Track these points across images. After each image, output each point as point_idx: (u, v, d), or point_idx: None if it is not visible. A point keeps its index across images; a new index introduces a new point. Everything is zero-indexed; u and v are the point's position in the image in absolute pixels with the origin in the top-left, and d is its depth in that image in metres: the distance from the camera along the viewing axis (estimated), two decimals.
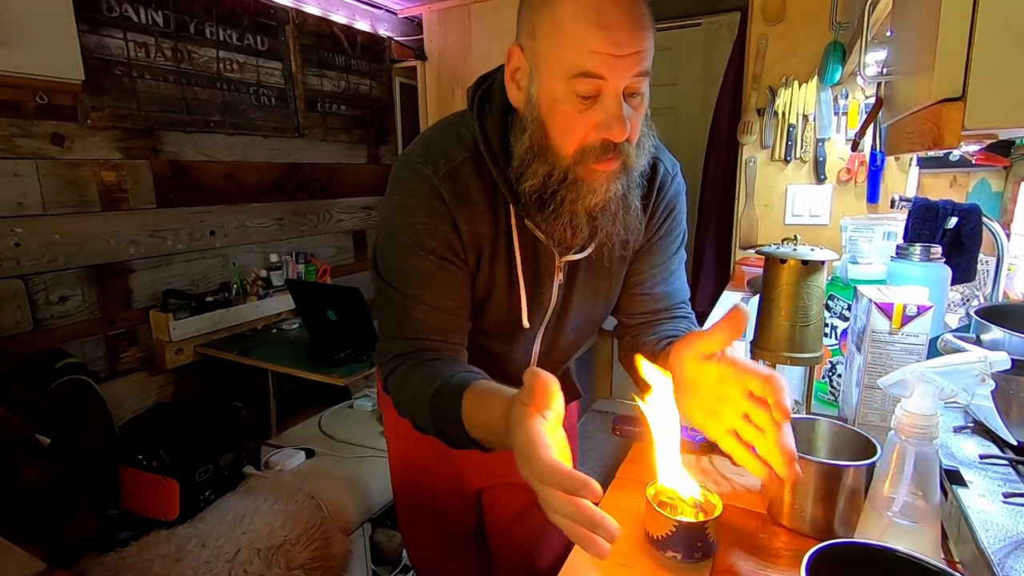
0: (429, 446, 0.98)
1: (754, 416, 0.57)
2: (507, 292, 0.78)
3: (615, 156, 0.66)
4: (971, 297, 1.38)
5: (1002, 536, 0.53)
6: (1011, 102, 0.46)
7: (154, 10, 1.93)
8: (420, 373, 0.70)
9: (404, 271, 0.74)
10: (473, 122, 0.73)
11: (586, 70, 0.61)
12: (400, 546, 1.82)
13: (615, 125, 0.62)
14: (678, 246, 0.88)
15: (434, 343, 0.74)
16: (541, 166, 0.68)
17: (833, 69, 1.63)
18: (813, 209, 2.03)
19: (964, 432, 0.75)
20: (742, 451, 0.59)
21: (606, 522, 0.45)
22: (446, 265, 0.73)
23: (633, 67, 0.61)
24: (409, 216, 0.72)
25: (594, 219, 0.70)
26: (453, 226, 0.72)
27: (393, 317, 0.75)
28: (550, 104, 0.65)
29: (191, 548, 1.37)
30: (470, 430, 0.63)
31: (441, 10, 2.74)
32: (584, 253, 0.78)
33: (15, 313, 1.65)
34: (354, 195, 2.86)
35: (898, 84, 0.74)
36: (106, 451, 1.56)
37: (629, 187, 0.71)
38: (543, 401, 0.50)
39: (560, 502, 0.45)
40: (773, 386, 0.54)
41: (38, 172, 1.68)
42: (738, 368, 0.58)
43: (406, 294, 0.73)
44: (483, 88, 0.76)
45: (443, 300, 0.74)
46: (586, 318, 0.87)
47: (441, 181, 0.71)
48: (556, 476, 0.45)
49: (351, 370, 1.78)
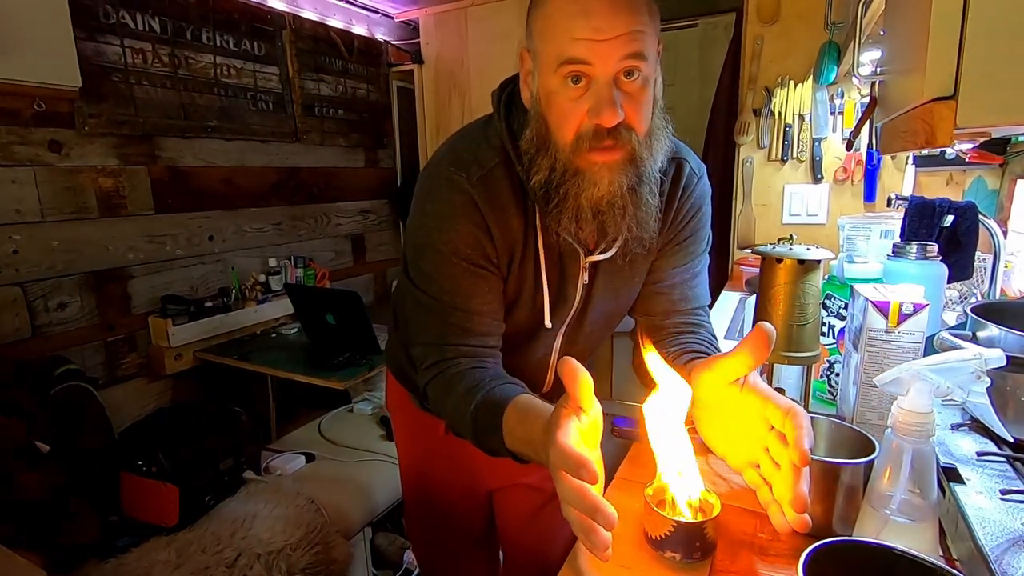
0: (441, 449, 0.99)
1: (774, 451, 0.55)
2: (533, 293, 0.78)
3: (614, 144, 0.65)
4: (968, 295, 1.38)
5: (999, 533, 0.53)
6: (1002, 101, 0.46)
7: (151, 17, 1.94)
8: (461, 383, 0.70)
9: (439, 279, 0.74)
10: (500, 124, 0.74)
11: (570, 56, 0.62)
12: (401, 550, 1.82)
13: (605, 110, 0.62)
14: (702, 249, 0.86)
15: (471, 348, 0.74)
16: (545, 159, 0.68)
17: (828, 69, 1.63)
18: (810, 208, 2.03)
19: (961, 429, 0.75)
20: (764, 490, 0.56)
21: (604, 508, 0.44)
22: (481, 272, 0.74)
23: (618, 50, 0.61)
24: (443, 224, 0.72)
25: (601, 213, 0.69)
26: (487, 232, 0.73)
27: (429, 324, 0.75)
28: (547, 97, 0.66)
29: (191, 554, 1.37)
30: (510, 444, 0.63)
31: (437, 14, 2.74)
32: (608, 253, 0.77)
33: (14, 320, 1.65)
34: (352, 199, 2.86)
35: (891, 83, 0.75)
36: (106, 457, 1.56)
37: (640, 181, 0.69)
38: (574, 390, 0.49)
39: (566, 487, 0.46)
40: (793, 423, 0.52)
41: (36, 179, 1.68)
42: (760, 396, 0.56)
43: (441, 301, 0.73)
44: (508, 90, 0.77)
45: (479, 305, 0.74)
46: (605, 318, 0.87)
47: (475, 187, 0.71)
48: (564, 456, 0.45)
49: (350, 374, 1.78)
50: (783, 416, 0.53)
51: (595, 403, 0.51)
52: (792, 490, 0.51)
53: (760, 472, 0.57)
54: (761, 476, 0.56)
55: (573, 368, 0.49)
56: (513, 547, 1.14)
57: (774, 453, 0.55)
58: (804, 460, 0.50)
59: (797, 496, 0.51)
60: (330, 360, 1.84)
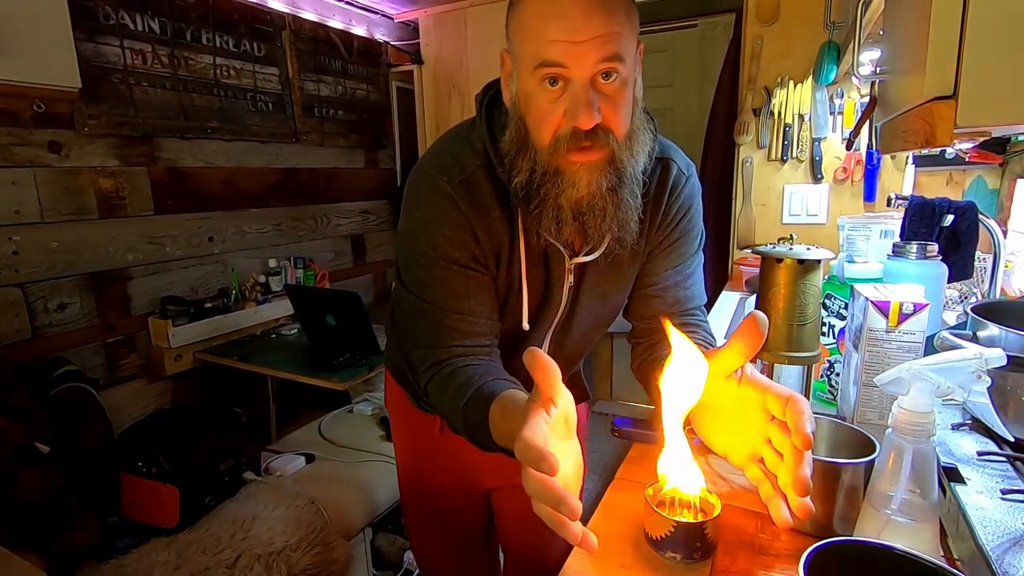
0: (438, 448, 0.99)
1: (776, 441, 0.54)
2: (519, 295, 0.79)
3: (592, 146, 0.65)
4: (968, 294, 1.38)
5: (1000, 533, 0.53)
6: (1002, 100, 0.46)
7: (151, 17, 1.94)
8: (454, 381, 0.71)
9: (431, 283, 0.74)
10: (482, 127, 0.74)
11: (545, 59, 0.62)
12: (401, 550, 1.82)
13: (581, 112, 0.62)
14: (695, 249, 0.85)
15: (466, 348, 0.75)
16: (524, 160, 0.69)
17: (828, 69, 1.64)
18: (810, 208, 2.03)
19: (962, 429, 0.75)
20: (767, 485, 0.55)
21: (568, 500, 0.44)
22: (471, 273, 0.74)
23: (595, 52, 0.61)
24: (430, 229, 0.73)
25: (581, 214, 0.69)
26: (472, 235, 0.73)
27: (425, 328, 0.76)
28: (526, 98, 0.66)
29: (191, 555, 1.36)
30: (496, 439, 0.63)
31: (437, 14, 2.74)
32: (594, 255, 0.77)
33: (14, 321, 1.65)
34: (352, 199, 2.86)
35: (891, 83, 0.74)
36: (105, 458, 1.56)
37: (620, 183, 0.69)
38: (542, 382, 0.49)
39: (531, 480, 0.45)
40: (793, 409, 0.51)
41: (36, 180, 1.68)
42: (758, 388, 0.56)
43: (435, 305, 0.74)
44: (490, 93, 0.77)
45: (472, 306, 0.75)
46: (594, 321, 0.87)
47: (456, 191, 0.72)
48: (525, 450, 0.45)
49: (350, 374, 1.78)
50: (783, 404, 0.52)
51: (564, 393, 0.51)
52: (794, 472, 0.50)
53: (763, 467, 0.56)
54: (763, 471, 0.56)
55: (540, 359, 0.48)
56: (512, 547, 1.14)
57: (776, 443, 0.54)
58: (807, 443, 0.50)
59: (799, 479, 0.50)
60: (330, 361, 1.84)
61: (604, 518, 0.67)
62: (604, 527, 0.66)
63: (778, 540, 0.63)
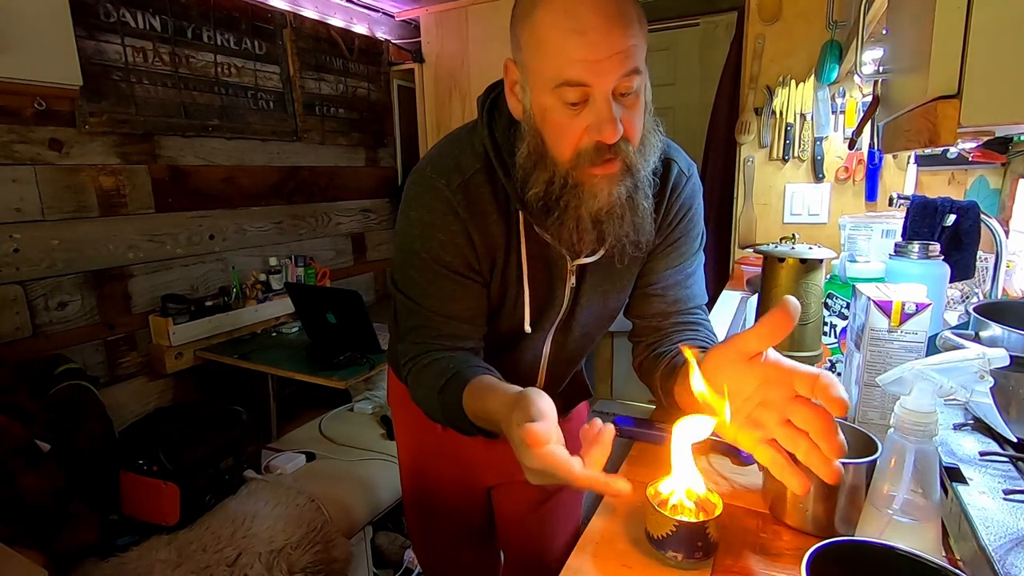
0: (439, 446, 0.99)
1: (797, 418, 0.53)
2: (517, 298, 0.79)
3: (612, 158, 0.65)
4: (970, 294, 1.38)
5: (1003, 533, 0.52)
6: (1006, 99, 0.46)
7: (152, 15, 1.94)
8: (433, 369, 0.74)
9: (422, 285, 0.76)
10: (483, 131, 0.74)
11: (569, 79, 0.61)
12: (402, 549, 1.82)
13: (606, 127, 0.62)
14: (696, 248, 0.85)
15: (447, 345, 0.77)
16: (542, 173, 0.68)
17: (830, 68, 1.63)
18: (812, 208, 2.03)
19: (964, 429, 0.75)
20: (780, 461, 0.55)
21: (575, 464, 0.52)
22: (463, 280, 0.75)
23: (618, 68, 0.60)
24: (425, 232, 0.73)
25: (600, 223, 0.70)
26: (468, 239, 0.73)
27: (412, 326, 0.79)
28: (542, 113, 0.66)
29: (192, 553, 1.37)
30: (474, 420, 0.66)
31: (438, 12, 2.74)
32: (595, 256, 0.77)
33: (14, 319, 1.65)
34: (353, 198, 2.86)
35: (894, 82, 0.74)
36: (106, 456, 1.56)
37: (635, 188, 0.69)
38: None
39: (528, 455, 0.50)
40: (824, 382, 0.51)
41: (36, 178, 1.68)
42: (783, 370, 0.55)
43: (423, 305, 0.76)
44: (492, 96, 0.77)
45: (461, 311, 0.76)
46: (595, 321, 0.87)
47: (455, 194, 0.72)
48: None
49: (351, 373, 1.78)
50: (811, 382, 0.52)
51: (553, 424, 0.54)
52: (827, 438, 0.51)
53: (776, 446, 0.56)
54: (777, 449, 0.56)
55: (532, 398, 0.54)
56: (513, 545, 1.14)
57: (799, 420, 0.53)
58: (843, 409, 0.50)
59: (834, 443, 0.50)
60: (331, 359, 1.84)
61: (605, 517, 0.67)
62: (605, 526, 0.66)
63: (780, 540, 0.62)
